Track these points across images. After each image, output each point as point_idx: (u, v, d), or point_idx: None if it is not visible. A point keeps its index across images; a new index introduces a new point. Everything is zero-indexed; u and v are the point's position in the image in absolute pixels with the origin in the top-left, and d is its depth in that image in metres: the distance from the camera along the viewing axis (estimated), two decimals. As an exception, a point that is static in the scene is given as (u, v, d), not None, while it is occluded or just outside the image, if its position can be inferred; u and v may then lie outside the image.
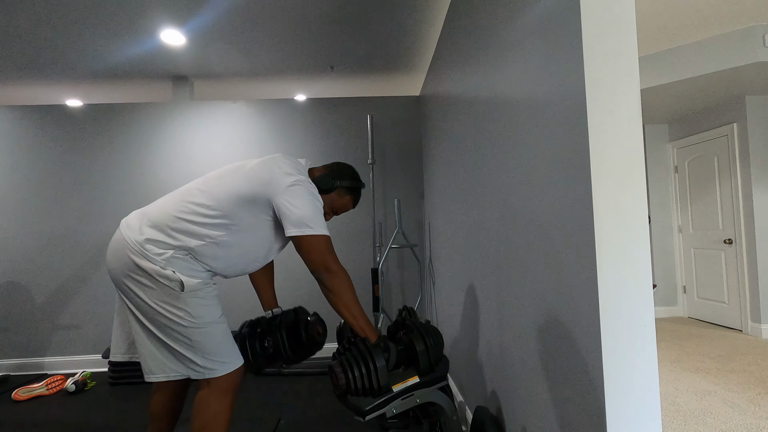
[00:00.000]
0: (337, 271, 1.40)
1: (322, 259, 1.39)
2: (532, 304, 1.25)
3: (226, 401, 1.42)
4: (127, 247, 1.37)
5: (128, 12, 2.51)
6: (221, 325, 1.43)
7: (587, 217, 0.93)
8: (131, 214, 1.47)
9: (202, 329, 1.38)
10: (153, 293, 1.35)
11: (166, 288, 1.35)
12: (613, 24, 0.92)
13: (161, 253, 1.36)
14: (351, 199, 1.63)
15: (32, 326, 3.47)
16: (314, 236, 1.39)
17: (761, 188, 3.94)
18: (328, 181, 1.56)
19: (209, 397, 1.41)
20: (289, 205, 1.39)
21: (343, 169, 1.62)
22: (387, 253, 3.24)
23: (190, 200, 1.42)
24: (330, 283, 1.41)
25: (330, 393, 2.76)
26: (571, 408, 1.03)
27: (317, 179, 1.56)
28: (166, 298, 1.35)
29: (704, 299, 4.54)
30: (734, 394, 2.55)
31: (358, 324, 1.42)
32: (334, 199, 1.60)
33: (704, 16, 2.95)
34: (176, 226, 1.38)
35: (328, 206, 1.61)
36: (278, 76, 3.59)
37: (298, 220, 1.38)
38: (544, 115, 1.13)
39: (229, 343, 1.44)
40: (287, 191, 1.40)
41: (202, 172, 3.60)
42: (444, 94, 2.60)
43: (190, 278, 1.37)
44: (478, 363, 1.94)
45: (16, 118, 3.56)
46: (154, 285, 1.35)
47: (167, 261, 1.36)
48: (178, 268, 1.36)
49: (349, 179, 1.60)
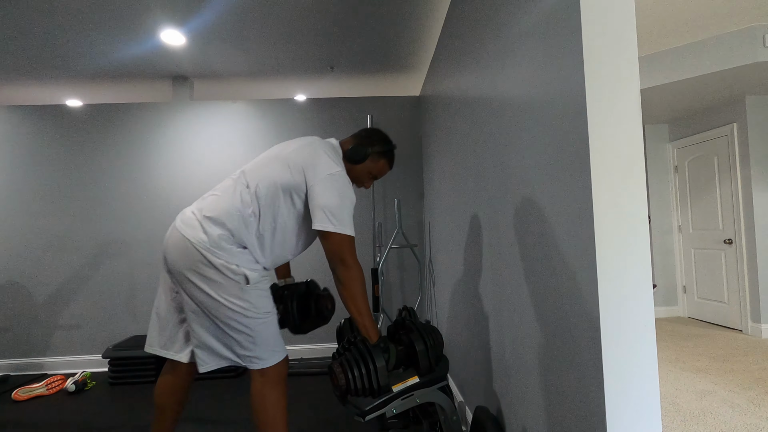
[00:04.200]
0: (352, 265, 1.43)
1: (340, 251, 1.43)
2: (532, 304, 1.25)
3: (280, 390, 1.50)
4: (192, 244, 1.42)
5: (128, 12, 2.51)
6: (275, 316, 1.52)
7: (587, 217, 0.93)
8: (185, 211, 1.52)
9: (262, 319, 1.46)
10: (219, 287, 1.41)
11: (232, 281, 1.41)
12: (613, 24, 0.92)
13: (226, 248, 1.42)
14: (386, 162, 1.66)
15: (32, 326, 3.47)
16: (333, 233, 1.43)
17: (761, 188, 3.94)
18: (361, 151, 1.59)
19: (264, 389, 1.48)
20: (321, 195, 1.43)
21: (372, 135, 1.64)
22: (387, 253, 3.24)
23: (239, 194, 1.47)
24: (343, 275, 1.44)
25: (330, 393, 2.76)
26: (571, 408, 1.03)
27: (350, 151, 1.59)
28: (232, 291, 1.41)
29: (704, 299, 4.54)
30: (734, 394, 2.55)
31: (361, 320, 1.43)
32: (369, 166, 1.63)
33: (704, 16, 2.95)
34: (233, 221, 1.44)
35: (366, 173, 1.64)
36: (278, 76, 3.59)
37: (326, 213, 1.42)
38: (544, 115, 1.13)
39: (279, 333, 1.54)
40: (325, 180, 1.44)
41: (202, 171, 3.60)
42: (444, 94, 2.60)
43: (252, 271, 1.44)
44: (478, 363, 1.94)
45: (16, 118, 3.56)
46: (221, 279, 1.41)
47: (231, 255, 1.42)
48: (240, 261, 1.43)
49: (379, 143, 1.62)
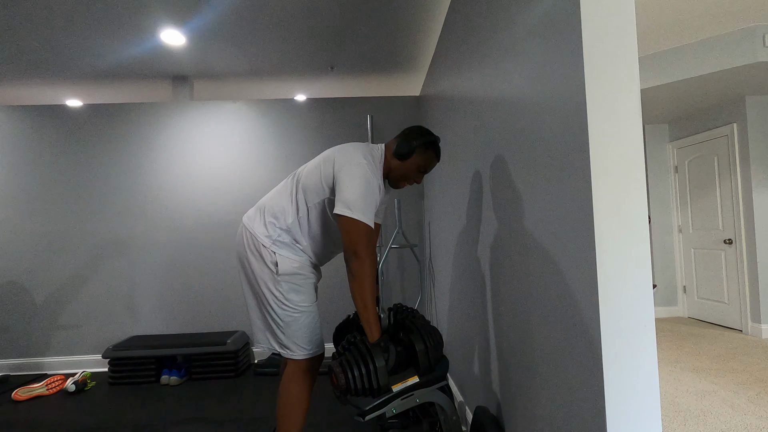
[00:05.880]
0: (364, 258, 1.44)
1: (354, 242, 1.44)
2: (532, 304, 1.25)
3: (307, 382, 1.60)
4: (251, 232, 1.60)
5: (128, 12, 2.51)
6: (310, 314, 1.59)
7: (587, 217, 0.93)
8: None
9: (290, 312, 1.56)
10: (259, 270, 1.56)
11: (266, 268, 1.55)
12: (613, 24, 0.92)
13: (270, 235, 1.57)
14: (433, 153, 1.67)
15: (32, 326, 3.47)
16: (354, 220, 1.44)
17: (761, 188, 3.94)
18: (406, 146, 1.61)
19: (292, 376, 1.58)
20: (343, 182, 1.48)
21: (413, 130, 1.67)
22: (387, 253, 3.24)
23: (289, 186, 1.63)
24: (354, 267, 1.45)
25: (330, 393, 2.76)
26: (571, 408, 1.03)
27: (397, 147, 1.63)
28: (266, 277, 1.56)
29: (704, 299, 4.54)
30: (734, 394, 2.55)
31: (366, 315, 1.43)
32: (418, 159, 1.65)
33: (704, 16, 2.95)
34: (281, 210, 1.59)
35: (416, 168, 1.66)
36: (278, 76, 3.59)
37: (345, 199, 1.46)
38: (544, 115, 1.13)
39: (313, 331, 1.60)
40: (349, 168, 1.49)
41: (202, 172, 3.60)
42: (444, 94, 2.60)
43: (289, 261, 1.56)
44: (478, 363, 1.93)
45: (16, 118, 3.56)
46: (259, 262, 1.56)
47: (273, 242, 1.56)
48: (281, 250, 1.56)
49: (422, 137, 1.65)
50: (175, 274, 3.54)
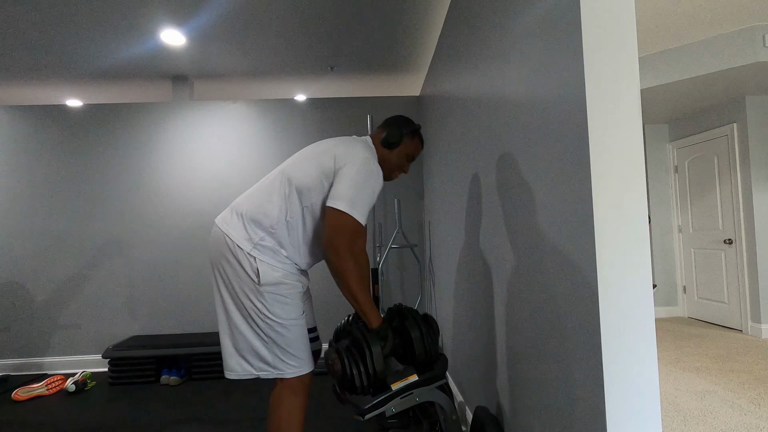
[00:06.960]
0: (343, 255, 1.34)
1: (334, 237, 1.35)
2: (532, 304, 1.25)
3: (299, 400, 1.44)
4: (226, 235, 1.43)
5: (128, 12, 2.51)
6: (297, 328, 1.44)
7: (587, 218, 0.93)
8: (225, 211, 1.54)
9: (275, 327, 1.40)
10: (236, 279, 1.40)
11: (246, 277, 1.39)
12: (613, 24, 0.92)
13: (250, 238, 1.41)
14: (419, 140, 1.68)
15: (32, 326, 3.47)
16: (341, 213, 1.35)
17: (761, 188, 3.94)
18: (396, 134, 1.59)
19: (282, 394, 1.43)
20: (347, 176, 1.39)
21: (399, 119, 1.65)
22: (387, 253, 3.24)
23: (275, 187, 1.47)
24: (334, 265, 1.37)
25: (330, 393, 2.76)
26: (571, 408, 1.03)
27: (386, 136, 1.59)
28: (246, 287, 1.39)
29: (704, 299, 4.54)
30: (734, 394, 2.55)
31: (359, 307, 1.38)
32: (406, 147, 1.65)
33: (704, 16, 2.95)
34: (265, 214, 1.44)
35: (404, 156, 1.64)
36: (278, 76, 3.59)
37: (346, 194, 1.37)
38: (544, 115, 1.13)
39: (302, 345, 1.45)
40: (353, 163, 1.41)
41: (201, 171, 3.60)
42: (444, 94, 2.60)
43: (271, 269, 1.39)
44: (478, 363, 1.93)
45: (16, 118, 3.56)
46: (237, 269, 1.40)
47: (254, 246, 1.40)
48: (262, 256, 1.40)
49: (408, 125, 1.65)
50: (175, 273, 3.55)
